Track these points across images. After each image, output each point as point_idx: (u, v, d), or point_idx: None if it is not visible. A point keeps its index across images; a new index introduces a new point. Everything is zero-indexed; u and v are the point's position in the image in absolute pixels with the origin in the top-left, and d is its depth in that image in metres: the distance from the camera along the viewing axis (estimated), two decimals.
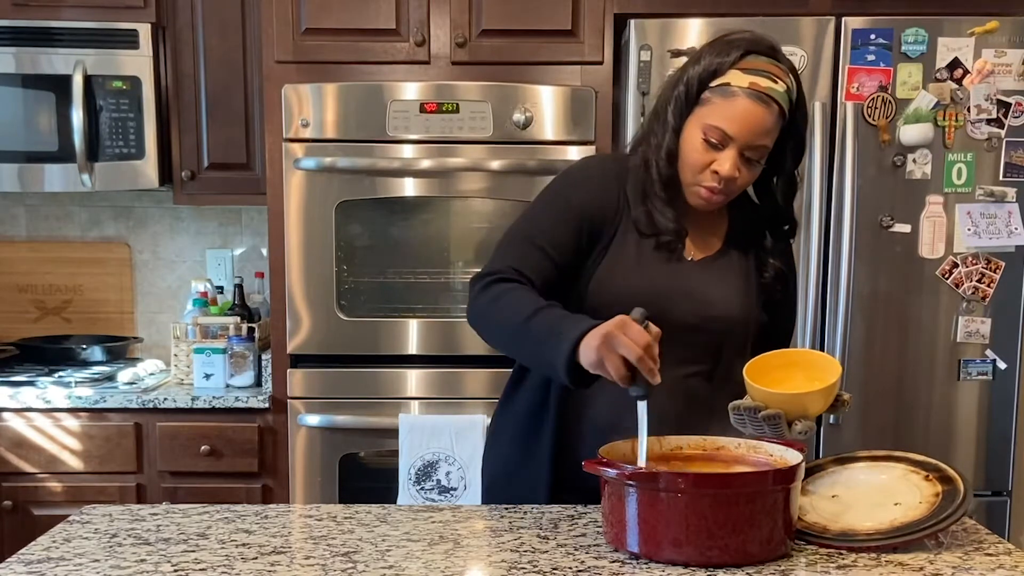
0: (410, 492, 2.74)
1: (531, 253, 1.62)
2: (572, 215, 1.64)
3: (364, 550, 1.39)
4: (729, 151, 1.57)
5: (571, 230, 1.63)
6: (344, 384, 2.81)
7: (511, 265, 1.61)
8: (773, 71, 1.57)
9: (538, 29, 2.78)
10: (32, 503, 2.86)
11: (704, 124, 1.58)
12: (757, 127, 1.56)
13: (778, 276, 1.74)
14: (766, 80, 1.56)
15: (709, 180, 1.60)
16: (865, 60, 2.60)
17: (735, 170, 1.58)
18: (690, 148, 1.60)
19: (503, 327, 1.58)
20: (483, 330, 1.64)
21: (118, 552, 1.37)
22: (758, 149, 1.59)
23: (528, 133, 2.74)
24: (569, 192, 1.67)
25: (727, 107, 1.56)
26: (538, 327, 1.51)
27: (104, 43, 2.97)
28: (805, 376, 1.53)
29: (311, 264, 2.77)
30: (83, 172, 2.98)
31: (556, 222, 1.64)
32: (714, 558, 1.31)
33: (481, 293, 1.60)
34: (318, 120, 2.74)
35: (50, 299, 3.44)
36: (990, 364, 2.69)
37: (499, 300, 1.58)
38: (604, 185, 1.67)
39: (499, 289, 1.59)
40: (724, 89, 1.57)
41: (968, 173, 2.64)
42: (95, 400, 2.85)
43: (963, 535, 1.46)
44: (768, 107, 1.56)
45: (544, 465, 1.67)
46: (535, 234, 1.64)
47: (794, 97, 1.60)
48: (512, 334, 1.56)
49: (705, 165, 1.59)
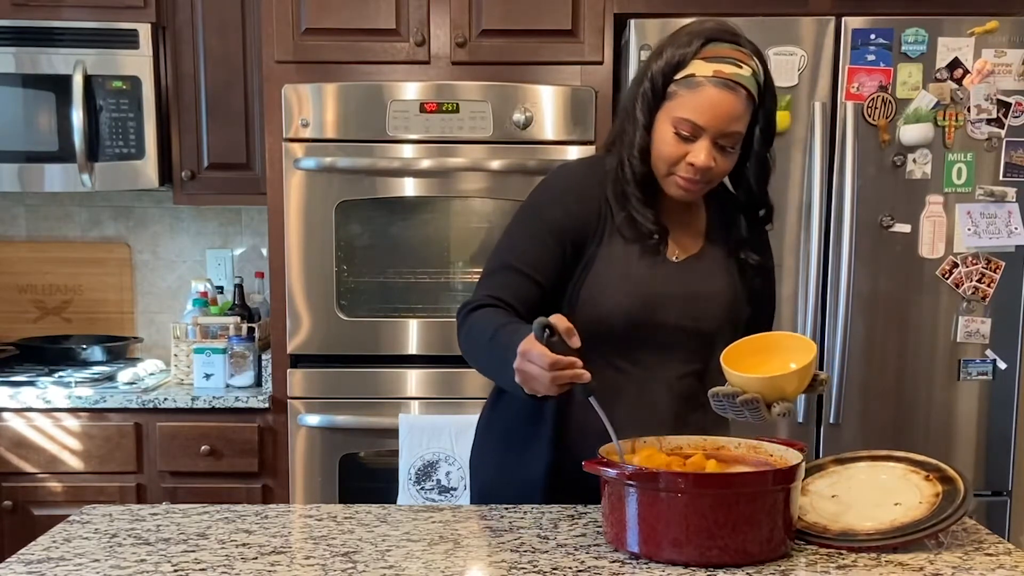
0: (410, 492, 2.73)
1: (510, 279, 1.62)
2: (552, 234, 1.63)
3: (364, 550, 1.39)
4: (702, 142, 1.56)
5: (552, 248, 1.63)
6: (344, 384, 2.81)
7: (488, 294, 1.62)
8: (737, 56, 1.56)
9: (538, 29, 2.78)
10: (32, 503, 2.86)
11: (673, 118, 1.57)
12: (726, 115, 1.55)
13: (758, 269, 1.73)
14: (730, 66, 1.54)
15: (685, 171, 1.59)
16: (865, 60, 2.60)
17: (710, 160, 1.57)
18: (662, 143, 1.59)
19: (477, 358, 1.61)
20: (471, 362, 1.65)
21: (118, 552, 1.37)
22: (731, 136, 1.58)
23: (528, 133, 2.74)
24: (547, 210, 1.65)
25: (694, 98, 1.55)
26: (496, 353, 1.51)
27: (104, 43, 2.97)
28: (781, 359, 1.52)
29: (311, 264, 2.77)
30: (83, 172, 2.98)
31: (535, 243, 1.63)
32: (714, 558, 1.31)
33: (460, 327, 1.63)
34: (318, 120, 2.74)
35: (50, 299, 3.44)
36: (990, 364, 2.69)
37: (470, 331, 1.60)
38: (583, 196, 1.65)
39: (470, 320, 1.61)
40: (689, 80, 1.56)
41: (968, 173, 2.64)
42: (95, 400, 2.85)
43: (963, 535, 1.46)
44: (735, 93, 1.55)
45: (541, 469, 1.67)
46: (513, 259, 1.64)
47: (761, 80, 1.59)
48: (484, 365, 1.60)
49: (679, 158, 1.58)
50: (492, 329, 1.54)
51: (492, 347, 1.53)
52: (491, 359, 1.55)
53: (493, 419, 1.79)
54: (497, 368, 1.54)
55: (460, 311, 1.64)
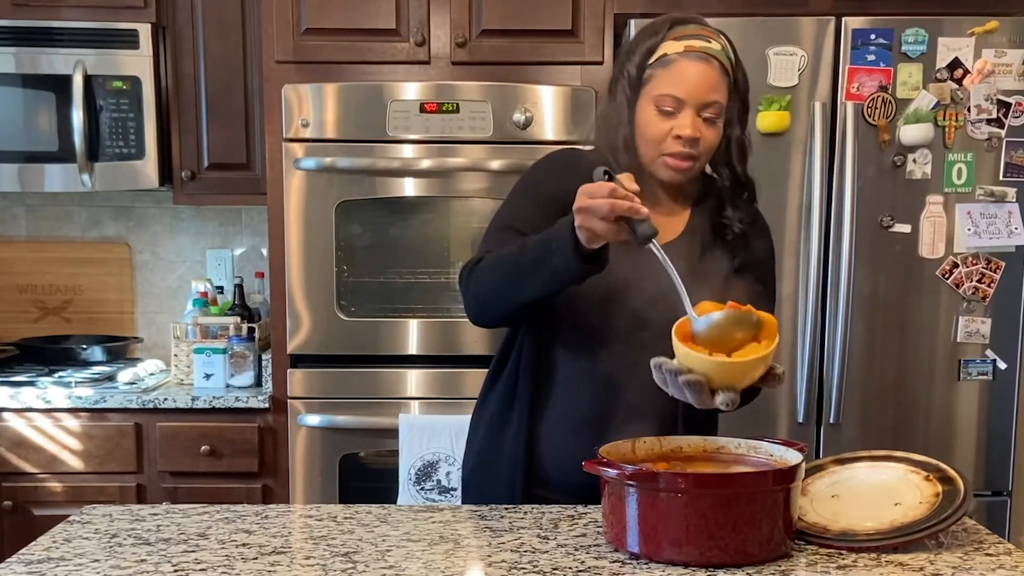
0: (410, 492, 2.73)
1: (510, 237, 1.65)
2: (544, 200, 1.68)
3: (364, 550, 1.39)
4: (685, 113, 1.60)
5: (545, 215, 1.66)
6: (344, 384, 2.81)
7: (490, 250, 1.66)
8: (704, 33, 1.62)
9: (538, 29, 2.78)
10: (32, 503, 2.86)
11: (654, 96, 1.61)
12: (704, 83, 1.59)
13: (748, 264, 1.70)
14: (700, 41, 1.61)
15: (674, 146, 1.61)
16: (865, 60, 2.60)
17: (696, 130, 1.60)
18: (646, 123, 1.63)
19: (502, 279, 1.62)
20: (485, 303, 1.67)
21: (118, 552, 1.37)
22: (712, 106, 1.61)
23: (528, 133, 2.74)
24: (539, 180, 1.74)
25: (671, 74, 1.60)
26: (532, 250, 1.55)
27: (104, 43, 2.97)
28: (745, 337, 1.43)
29: (311, 264, 2.77)
30: (83, 172, 2.98)
31: (529, 207, 1.70)
32: (714, 558, 1.31)
33: (469, 280, 1.67)
34: (318, 120, 2.74)
35: (50, 299, 3.44)
36: (990, 364, 2.69)
37: (487, 269, 1.64)
38: (569, 172, 1.68)
39: (482, 264, 1.65)
40: (663, 60, 1.61)
41: (968, 173, 2.64)
42: (95, 400, 2.85)
43: (963, 535, 1.46)
44: (709, 63, 1.60)
45: (518, 454, 1.70)
46: (512, 220, 1.70)
47: (732, 56, 1.64)
48: (514, 276, 1.60)
49: (666, 133, 1.61)
50: (519, 245, 1.58)
51: (527, 253, 1.56)
52: (526, 265, 1.57)
53: (482, 410, 1.82)
54: (536, 265, 1.55)
55: (464, 270, 1.69)
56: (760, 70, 2.59)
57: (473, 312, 1.71)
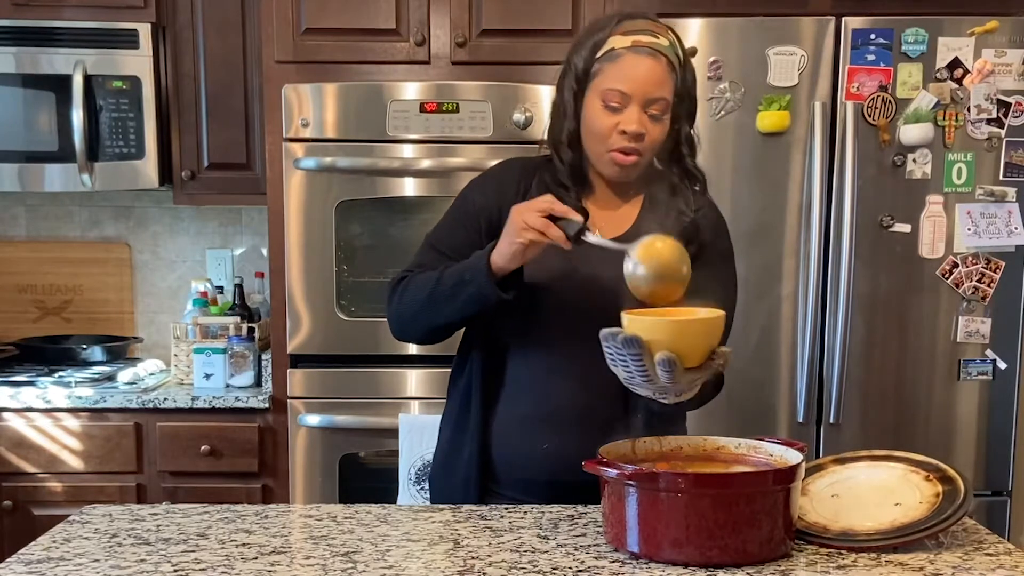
0: (410, 492, 2.73)
1: (429, 256, 1.71)
2: (470, 217, 1.71)
3: (364, 550, 1.39)
4: (631, 109, 1.59)
5: (468, 231, 1.70)
6: (344, 384, 2.81)
7: (408, 269, 1.72)
8: (652, 28, 1.62)
9: (538, 29, 2.78)
10: (32, 503, 2.86)
11: (600, 91, 1.61)
12: (650, 79, 1.59)
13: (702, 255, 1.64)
14: (647, 36, 1.60)
15: (619, 142, 1.61)
16: (865, 60, 2.60)
17: (642, 125, 1.59)
18: (592, 118, 1.62)
19: (419, 303, 1.67)
20: (408, 322, 1.72)
21: (118, 552, 1.37)
22: (658, 103, 1.60)
23: (528, 133, 2.74)
24: (468, 196, 1.76)
25: (617, 69, 1.59)
26: (448, 278, 1.61)
27: (104, 43, 2.97)
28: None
29: (311, 264, 2.77)
30: (83, 172, 2.98)
31: (454, 226, 1.73)
32: (714, 558, 1.31)
33: (392, 295, 1.73)
34: (318, 120, 2.74)
35: (50, 299, 3.44)
36: (990, 364, 2.69)
37: (409, 290, 1.68)
38: (502, 183, 1.72)
39: (404, 283, 1.70)
40: (610, 55, 1.60)
41: (968, 173, 2.64)
42: (95, 400, 2.85)
43: (963, 535, 1.46)
44: (656, 59, 1.59)
45: (473, 453, 1.71)
46: (434, 239, 1.75)
47: (680, 53, 1.63)
48: (430, 301, 1.65)
49: (611, 128, 1.60)
50: (436, 273, 1.64)
51: (443, 281, 1.62)
52: (443, 292, 1.62)
53: (447, 411, 1.83)
54: (452, 293, 1.60)
55: (391, 283, 1.73)
56: (760, 70, 2.59)
57: (396, 329, 1.76)
